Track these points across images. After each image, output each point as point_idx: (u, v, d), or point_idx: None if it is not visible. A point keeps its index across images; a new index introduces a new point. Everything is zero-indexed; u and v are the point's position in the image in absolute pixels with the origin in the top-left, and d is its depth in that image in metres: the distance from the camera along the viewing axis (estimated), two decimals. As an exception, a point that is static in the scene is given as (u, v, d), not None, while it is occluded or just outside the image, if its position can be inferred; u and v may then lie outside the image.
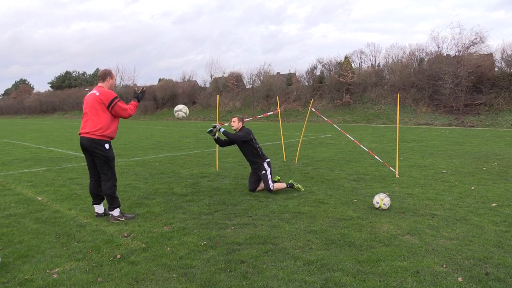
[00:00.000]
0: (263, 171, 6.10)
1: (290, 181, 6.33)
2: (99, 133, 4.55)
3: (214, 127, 6.15)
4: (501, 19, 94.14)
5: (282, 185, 6.13)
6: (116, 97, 4.64)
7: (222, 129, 6.21)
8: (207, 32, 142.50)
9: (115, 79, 4.98)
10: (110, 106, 4.57)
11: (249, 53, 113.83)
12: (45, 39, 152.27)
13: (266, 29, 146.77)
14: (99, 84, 4.78)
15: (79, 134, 4.69)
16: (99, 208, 4.88)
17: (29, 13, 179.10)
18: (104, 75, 4.78)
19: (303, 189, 6.20)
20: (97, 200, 4.86)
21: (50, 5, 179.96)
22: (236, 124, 6.42)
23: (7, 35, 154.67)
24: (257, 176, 6.21)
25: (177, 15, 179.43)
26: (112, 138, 4.74)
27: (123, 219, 4.64)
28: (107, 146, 4.63)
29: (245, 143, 6.22)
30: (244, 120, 6.65)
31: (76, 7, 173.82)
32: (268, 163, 6.24)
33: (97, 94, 4.58)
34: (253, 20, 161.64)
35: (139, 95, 5.02)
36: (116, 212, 4.66)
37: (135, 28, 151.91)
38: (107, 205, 4.72)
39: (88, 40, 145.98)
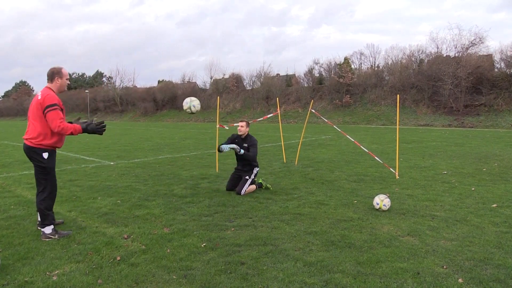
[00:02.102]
0: (247, 177, 6.17)
1: (260, 180, 6.52)
2: (37, 141, 4.07)
3: (232, 149, 6.13)
4: (502, 20, 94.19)
5: (253, 187, 6.28)
6: (55, 104, 4.03)
7: (241, 151, 6.15)
8: (210, 33, 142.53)
9: (67, 79, 4.32)
10: (44, 111, 4.02)
11: (251, 55, 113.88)
12: (48, 41, 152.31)
13: (269, 30, 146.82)
14: (47, 85, 4.23)
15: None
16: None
17: (33, 15, 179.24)
18: (51, 75, 4.19)
19: (271, 188, 6.42)
20: None
21: (55, 7, 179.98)
22: (244, 129, 6.35)
23: (10, 37, 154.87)
24: (239, 178, 6.28)
25: (181, 17, 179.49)
26: (55, 147, 4.25)
27: (56, 237, 4.07)
28: (45, 155, 4.11)
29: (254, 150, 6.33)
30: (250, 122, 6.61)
31: (80, 9, 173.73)
32: (257, 172, 6.40)
33: (39, 98, 4.08)
34: (256, 22, 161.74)
35: (91, 126, 4.25)
36: (47, 230, 4.10)
37: (138, 30, 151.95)
38: (39, 221, 4.21)
39: (91, 41, 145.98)
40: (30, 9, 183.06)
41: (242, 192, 6.00)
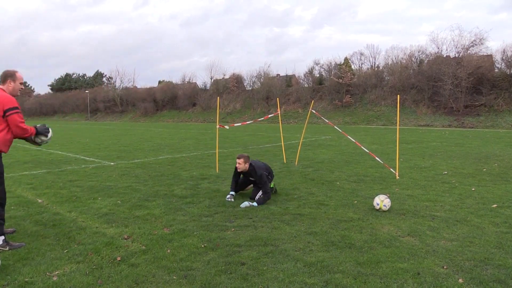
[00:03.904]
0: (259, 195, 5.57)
1: (271, 185, 5.92)
2: None
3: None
4: (503, 21, 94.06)
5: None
6: (17, 107, 3.83)
7: (255, 204, 5.33)
8: (212, 34, 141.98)
9: (21, 83, 4.06)
10: (6, 113, 3.76)
11: (253, 55, 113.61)
12: (50, 42, 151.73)
13: (271, 31, 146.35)
14: None
15: None
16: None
17: (36, 15, 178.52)
18: (4, 77, 3.92)
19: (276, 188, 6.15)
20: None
21: (59, 7, 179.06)
22: (242, 166, 5.55)
23: (14, 37, 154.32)
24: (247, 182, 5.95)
25: (184, 17, 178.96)
26: (0, 152, 3.97)
27: (7, 249, 3.77)
28: None
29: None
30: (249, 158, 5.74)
31: (84, 10, 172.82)
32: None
33: None
34: (259, 23, 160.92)
35: (41, 129, 4.32)
36: None
37: (141, 31, 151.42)
38: None
39: (93, 42, 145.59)
40: (33, 10, 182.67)
41: (256, 197, 5.56)
